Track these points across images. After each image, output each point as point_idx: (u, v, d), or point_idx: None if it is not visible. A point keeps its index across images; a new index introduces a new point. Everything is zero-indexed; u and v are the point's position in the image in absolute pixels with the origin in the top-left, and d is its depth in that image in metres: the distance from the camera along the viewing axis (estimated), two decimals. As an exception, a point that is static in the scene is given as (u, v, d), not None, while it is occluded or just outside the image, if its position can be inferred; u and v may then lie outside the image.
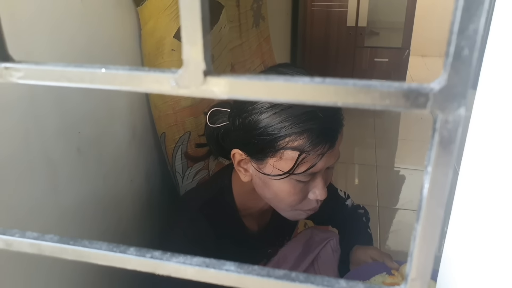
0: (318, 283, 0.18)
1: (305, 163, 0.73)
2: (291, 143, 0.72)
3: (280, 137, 0.72)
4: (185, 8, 0.14)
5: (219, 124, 0.85)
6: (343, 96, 0.14)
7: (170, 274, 0.18)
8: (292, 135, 0.72)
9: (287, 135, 0.72)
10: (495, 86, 0.33)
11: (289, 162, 0.73)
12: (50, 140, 0.73)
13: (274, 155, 0.74)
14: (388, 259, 0.93)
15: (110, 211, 0.94)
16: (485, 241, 0.34)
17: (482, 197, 0.35)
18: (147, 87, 0.15)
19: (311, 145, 0.72)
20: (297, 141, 0.72)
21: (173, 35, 0.99)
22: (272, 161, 0.75)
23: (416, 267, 0.17)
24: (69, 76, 0.15)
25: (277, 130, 0.72)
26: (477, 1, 0.13)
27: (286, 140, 0.72)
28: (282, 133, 0.72)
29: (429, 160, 0.15)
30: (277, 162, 0.74)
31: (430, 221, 0.16)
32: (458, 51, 0.13)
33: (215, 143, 0.87)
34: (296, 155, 0.72)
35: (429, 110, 0.14)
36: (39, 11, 0.69)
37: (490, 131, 0.34)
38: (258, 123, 0.73)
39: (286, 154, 0.73)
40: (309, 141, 0.72)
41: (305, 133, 0.71)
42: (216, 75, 0.15)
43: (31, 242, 0.18)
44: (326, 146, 0.73)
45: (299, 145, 0.72)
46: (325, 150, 0.73)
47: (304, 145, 0.72)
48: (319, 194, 0.79)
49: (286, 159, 0.73)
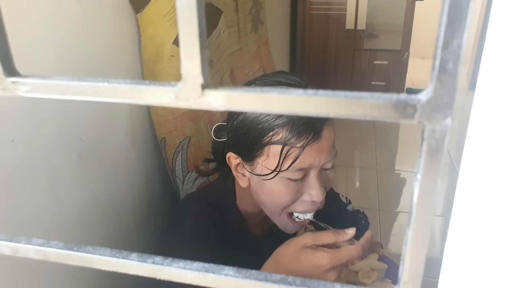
0: (314, 287, 0.18)
1: (290, 156, 0.73)
2: (275, 136, 0.73)
3: (264, 131, 0.73)
4: (183, 25, 0.15)
5: (223, 138, 0.85)
6: (335, 107, 0.15)
7: (171, 278, 0.19)
8: (275, 128, 0.72)
9: (271, 129, 0.73)
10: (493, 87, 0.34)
11: (275, 159, 0.73)
12: (52, 146, 0.74)
13: (262, 153, 0.75)
14: (378, 246, 0.92)
15: (111, 215, 0.95)
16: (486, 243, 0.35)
17: (482, 198, 0.36)
18: (147, 100, 0.16)
19: (294, 136, 0.72)
20: (281, 134, 0.72)
21: (172, 41, 1.00)
22: (261, 160, 0.76)
23: (408, 270, 0.17)
24: (73, 90, 0.16)
25: (261, 125, 0.73)
26: (460, 17, 0.13)
27: (270, 134, 0.73)
28: (266, 127, 0.73)
29: (418, 168, 0.16)
30: (266, 160, 0.75)
31: (420, 226, 0.17)
32: (443, 64, 0.14)
33: (220, 157, 0.88)
34: (280, 149, 0.73)
35: (417, 120, 0.15)
36: (40, 20, 0.70)
37: (489, 132, 0.35)
38: (244, 121, 0.75)
39: (272, 150, 0.74)
40: (292, 132, 0.72)
41: (288, 124, 0.72)
42: (214, 88, 0.15)
43: (37, 248, 0.19)
44: (310, 136, 0.72)
45: (283, 137, 0.72)
46: (308, 140, 0.72)
47: (287, 137, 0.72)
48: (315, 195, 0.77)
49: (273, 155, 0.74)
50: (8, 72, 0.17)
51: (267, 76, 0.81)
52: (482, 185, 0.35)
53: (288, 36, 3.23)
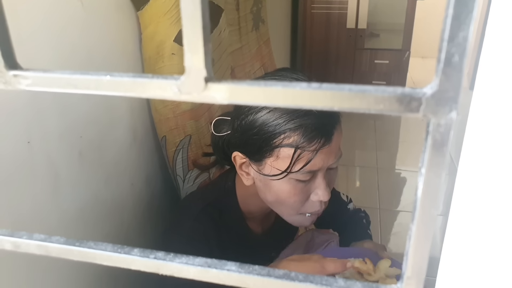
0: (317, 282, 0.18)
1: (301, 159, 0.73)
2: (286, 140, 0.73)
3: (275, 134, 0.73)
4: (187, 18, 0.15)
5: (223, 132, 0.85)
6: (339, 101, 0.15)
7: (173, 274, 0.18)
8: (287, 132, 0.72)
9: (282, 132, 0.73)
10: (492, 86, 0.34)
11: (286, 160, 0.74)
12: (53, 144, 0.74)
13: (271, 154, 0.75)
14: (382, 249, 0.92)
15: (112, 214, 0.95)
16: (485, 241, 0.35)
17: (481, 197, 0.36)
18: (150, 93, 0.16)
19: (306, 140, 0.72)
20: (292, 138, 0.72)
21: (173, 39, 1.00)
22: (270, 161, 0.75)
23: (412, 265, 0.17)
24: (75, 83, 0.16)
25: (272, 127, 0.73)
26: (466, 10, 0.13)
27: (281, 137, 0.73)
28: (277, 130, 0.73)
29: (423, 162, 0.16)
30: (275, 161, 0.75)
31: (424, 221, 0.16)
32: (449, 57, 0.14)
33: (221, 151, 0.88)
34: (292, 152, 0.73)
35: (422, 114, 0.15)
36: (42, 16, 0.70)
37: (487, 131, 0.35)
38: (254, 123, 0.75)
39: (283, 152, 0.74)
40: (304, 137, 0.72)
41: (299, 128, 0.72)
42: (217, 82, 0.15)
43: (39, 243, 0.19)
44: (321, 140, 0.73)
45: (294, 141, 0.72)
46: (320, 145, 0.73)
47: (299, 141, 0.72)
48: (322, 195, 0.78)
49: (283, 157, 0.74)
50: (9, 65, 0.16)
51: (269, 74, 0.81)
52: (481, 184, 0.35)
53: (289, 35, 3.22)
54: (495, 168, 0.33)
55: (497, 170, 0.33)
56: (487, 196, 0.34)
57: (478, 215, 0.36)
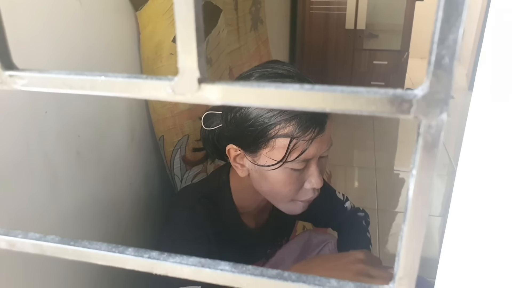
0: (309, 282, 0.19)
1: (297, 149, 0.75)
2: (281, 130, 0.74)
3: (270, 125, 0.74)
4: (180, 20, 0.15)
5: (214, 126, 0.86)
6: (332, 102, 0.15)
7: (167, 273, 0.19)
8: (282, 122, 0.74)
9: (277, 123, 0.74)
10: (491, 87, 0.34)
11: (281, 150, 0.75)
12: (50, 143, 0.74)
13: (267, 145, 0.76)
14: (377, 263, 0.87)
15: (109, 213, 0.95)
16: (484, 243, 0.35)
17: (479, 198, 0.36)
18: (144, 94, 0.16)
19: (301, 130, 0.74)
20: (287, 128, 0.74)
21: (172, 39, 1.00)
22: (265, 151, 0.77)
23: (404, 266, 0.17)
24: (71, 84, 0.16)
25: (267, 119, 0.74)
26: (456, 12, 0.13)
27: (276, 128, 0.74)
28: (272, 121, 0.74)
29: (414, 163, 0.16)
30: (270, 152, 0.76)
31: (416, 221, 0.17)
32: (439, 59, 0.14)
33: (211, 145, 0.89)
34: (287, 142, 0.74)
35: (413, 115, 0.15)
36: (40, 16, 0.70)
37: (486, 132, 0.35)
38: (248, 115, 0.76)
39: (278, 143, 0.75)
40: (299, 127, 0.74)
41: (294, 119, 0.74)
42: (210, 83, 0.15)
43: (34, 242, 0.19)
44: (316, 130, 0.75)
45: (289, 131, 0.74)
46: (315, 134, 0.75)
47: (294, 131, 0.74)
48: (315, 183, 0.80)
49: (278, 147, 0.75)
50: (5, 65, 0.17)
51: (259, 66, 0.81)
52: (480, 185, 0.35)
53: (288, 36, 3.23)
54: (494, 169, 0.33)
55: (496, 171, 0.33)
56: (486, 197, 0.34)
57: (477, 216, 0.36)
